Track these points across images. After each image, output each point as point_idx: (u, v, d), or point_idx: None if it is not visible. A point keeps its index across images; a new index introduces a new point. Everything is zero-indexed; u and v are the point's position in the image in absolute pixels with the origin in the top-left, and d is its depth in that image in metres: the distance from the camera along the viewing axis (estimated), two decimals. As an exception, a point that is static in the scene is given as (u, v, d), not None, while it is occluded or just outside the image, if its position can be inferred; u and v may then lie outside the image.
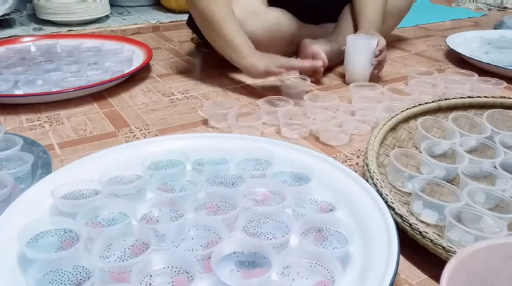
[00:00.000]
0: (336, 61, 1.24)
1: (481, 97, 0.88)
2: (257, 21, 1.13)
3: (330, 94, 0.94)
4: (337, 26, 1.25)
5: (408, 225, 0.55)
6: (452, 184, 0.64)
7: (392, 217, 0.55)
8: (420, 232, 0.53)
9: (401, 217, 0.56)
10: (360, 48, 1.06)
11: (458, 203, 0.59)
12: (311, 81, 1.09)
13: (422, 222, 0.59)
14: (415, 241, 0.55)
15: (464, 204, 0.58)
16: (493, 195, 0.61)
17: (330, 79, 1.16)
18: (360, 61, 1.08)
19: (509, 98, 0.87)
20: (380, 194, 0.59)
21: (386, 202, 0.57)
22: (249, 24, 1.11)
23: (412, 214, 0.60)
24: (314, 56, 1.10)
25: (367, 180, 0.63)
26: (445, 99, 0.86)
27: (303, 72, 1.16)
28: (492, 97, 0.88)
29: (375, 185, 0.61)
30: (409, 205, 0.63)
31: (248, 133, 0.81)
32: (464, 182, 0.64)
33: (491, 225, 0.56)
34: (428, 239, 0.53)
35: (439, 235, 0.53)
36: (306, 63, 1.06)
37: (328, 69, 1.22)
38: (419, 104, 0.84)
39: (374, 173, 0.63)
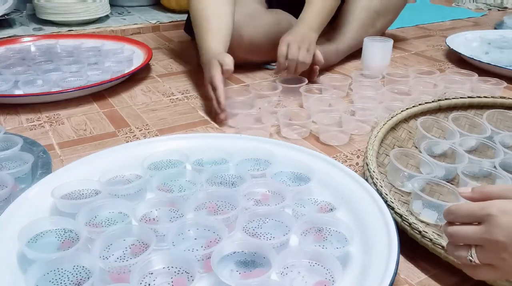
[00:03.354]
0: (334, 61, 1.24)
1: (481, 97, 0.88)
2: (256, 25, 1.12)
3: (336, 99, 0.94)
4: (334, 26, 1.25)
5: (407, 224, 0.55)
6: (452, 184, 0.64)
7: (392, 216, 0.55)
8: (420, 232, 0.53)
9: (400, 216, 0.56)
10: (377, 49, 1.15)
11: (456, 200, 0.59)
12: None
13: (422, 221, 0.59)
14: (415, 241, 0.55)
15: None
16: None
17: (330, 79, 1.16)
18: (376, 60, 1.15)
19: (509, 98, 0.87)
20: (380, 193, 0.59)
21: (385, 201, 0.57)
22: (248, 29, 1.11)
23: (411, 213, 0.60)
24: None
25: (366, 179, 0.63)
26: (445, 99, 0.86)
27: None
28: (492, 97, 0.88)
29: (374, 184, 0.61)
30: (408, 204, 0.63)
31: (257, 135, 0.80)
32: (463, 182, 0.64)
33: None
34: (428, 238, 0.53)
35: (438, 234, 0.53)
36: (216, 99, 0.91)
37: (327, 69, 1.22)
38: (419, 104, 0.84)
39: (374, 172, 0.63)
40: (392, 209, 0.57)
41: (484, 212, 0.40)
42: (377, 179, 0.62)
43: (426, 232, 0.53)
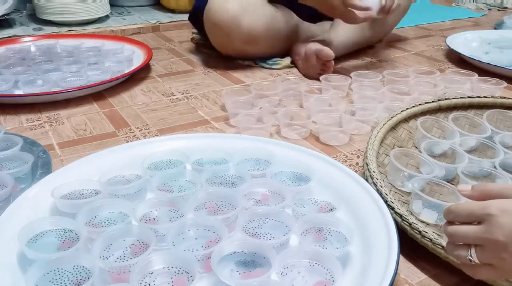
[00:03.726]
0: (342, 53, 1.24)
1: (481, 97, 0.88)
2: (255, 16, 1.13)
3: (336, 99, 0.95)
4: (333, 25, 1.25)
5: (407, 224, 0.55)
6: (452, 184, 0.64)
7: (392, 216, 0.55)
8: (420, 232, 0.53)
9: (400, 216, 0.56)
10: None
11: (456, 200, 0.58)
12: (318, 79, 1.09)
13: (422, 221, 0.59)
14: (415, 241, 0.55)
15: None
16: None
17: (330, 79, 1.16)
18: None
19: (509, 98, 0.87)
20: (380, 193, 0.59)
21: (385, 201, 0.57)
22: (247, 18, 1.11)
23: (411, 213, 0.60)
24: (318, 54, 1.10)
25: (366, 179, 0.63)
26: (445, 99, 0.86)
27: (305, 71, 1.16)
28: (492, 97, 0.88)
29: (374, 184, 0.61)
30: (408, 204, 0.63)
31: (257, 135, 0.80)
32: (463, 182, 0.64)
33: None
34: (428, 238, 0.53)
35: (438, 234, 0.53)
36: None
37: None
38: (419, 104, 0.84)
39: (374, 172, 0.63)
40: (392, 209, 0.57)
41: (484, 211, 0.40)
42: (377, 179, 0.62)
43: (426, 232, 0.53)
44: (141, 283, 0.47)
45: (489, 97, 0.88)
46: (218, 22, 1.12)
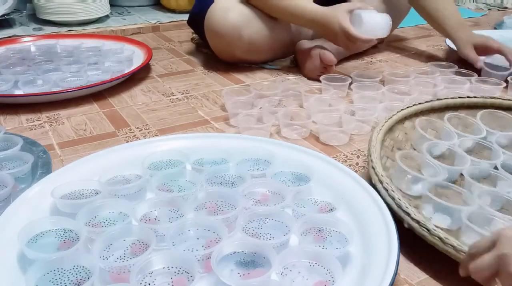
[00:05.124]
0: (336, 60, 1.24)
1: (479, 97, 0.88)
2: (256, 26, 1.13)
3: (336, 98, 0.95)
4: None
5: (426, 230, 0.53)
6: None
7: (410, 223, 0.54)
8: (441, 238, 0.51)
9: (418, 222, 0.54)
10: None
11: (470, 206, 0.57)
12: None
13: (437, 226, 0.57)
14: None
15: (477, 206, 0.57)
16: (498, 196, 0.61)
17: (330, 79, 1.16)
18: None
19: (508, 99, 0.87)
20: (393, 198, 0.57)
21: (399, 207, 0.56)
22: (248, 30, 1.11)
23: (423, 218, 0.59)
24: (321, 56, 1.10)
25: (375, 185, 0.61)
26: (445, 99, 0.86)
27: (306, 71, 1.16)
28: (491, 97, 0.88)
29: (385, 190, 0.59)
30: (417, 208, 0.60)
31: (257, 135, 0.80)
32: (468, 184, 0.63)
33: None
34: (450, 245, 0.51)
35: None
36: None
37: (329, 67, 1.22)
38: (418, 104, 0.83)
39: (382, 176, 0.61)
40: (408, 214, 0.55)
41: (495, 236, 0.41)
42: (387, 184, 0.59)
43: (448, 239, 0.51)
44: (141, 283, 0.47)
45: (487, 98, 0.87)
46: (219, 32, 1.12)
